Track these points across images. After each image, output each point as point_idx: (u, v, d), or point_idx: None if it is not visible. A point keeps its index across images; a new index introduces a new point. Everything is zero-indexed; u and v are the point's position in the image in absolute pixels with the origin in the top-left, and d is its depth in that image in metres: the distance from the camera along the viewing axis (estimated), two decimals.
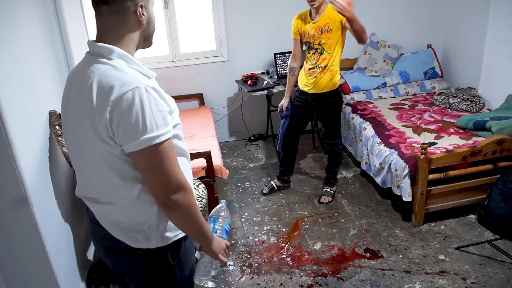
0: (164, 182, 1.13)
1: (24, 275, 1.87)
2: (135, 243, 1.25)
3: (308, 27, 2.81)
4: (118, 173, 1.16)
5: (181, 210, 1.17)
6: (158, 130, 1.08)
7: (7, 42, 1.74)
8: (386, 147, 2.98)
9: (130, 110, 1.05)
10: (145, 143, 1.07)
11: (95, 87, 1.09)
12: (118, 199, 1.21)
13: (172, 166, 1.13)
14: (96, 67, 1.12)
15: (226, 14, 3.90)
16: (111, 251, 1.31)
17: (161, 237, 1.26)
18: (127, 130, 1.07)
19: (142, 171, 1.13)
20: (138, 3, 1.15)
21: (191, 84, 4.08)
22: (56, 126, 2.08)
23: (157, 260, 1.30)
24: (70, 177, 2.30)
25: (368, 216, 2.97)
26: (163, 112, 1.11)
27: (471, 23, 3.80)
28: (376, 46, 4.04)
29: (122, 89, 1.06)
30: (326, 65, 2.82)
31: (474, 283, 2.30)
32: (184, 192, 1.16)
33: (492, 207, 2.65)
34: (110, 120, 1.07)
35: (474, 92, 3.64)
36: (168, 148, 1.12)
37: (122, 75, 1.09)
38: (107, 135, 1.10)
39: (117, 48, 1.15)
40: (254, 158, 3.96)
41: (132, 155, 1.11)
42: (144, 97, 1.06)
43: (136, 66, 1.16)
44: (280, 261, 2.57)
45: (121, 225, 1.24)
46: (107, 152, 1.13)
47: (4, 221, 1.75)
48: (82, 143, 1.17)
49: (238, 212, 3.11)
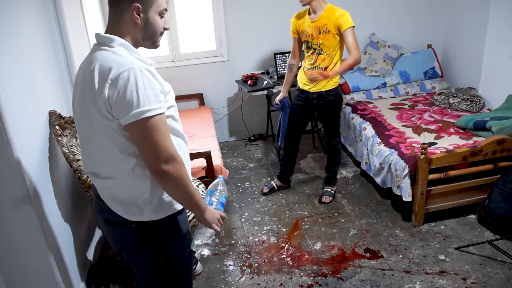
0: (155, 152, 1.24)
1: (24, 275, 1.88)
2: (129, 215, 1.38)
3: (307, 26, 2.81)
4: (118, 147, 1.29)
5: (171, 179, 1.28)
6: (150, 105, 1.21)
7: (7, 42, 1.74)
8: (386, 147, 2.98)
9: (125, 87, 1.19)
10: (137, 116, 1.20)
11: (96, 69, 1.23)
12: (116, 173, 1.34)
13: (163, 138, 1.24)
14: (99, 54, 1.27)
15: (226, 14, 3.90)
16: (109, 223, 1.44)
17: (154, 210, 1.38)
18: (123, 104, 1.19)
19: (136, 142, 1.26)
20: (133, 5, 1.28)
21: (191, 84, 4.08)
22: (56, 126, 2.07)
23: (149, 233, 1.41)
24: (70, 177, 2.30)
25: (368, 216, 2.97)
26: (155, 90, 1.24)
27: (471, 23, 3.80)
28: (376, 46, 4.04)
29: (119, 69, 1.20)
30: (327, 67, 2.82)
31: (474, 283, 2.30)
32: (175, 163, 1.27)
33: (492, 207, 2.65)
34: (108, 96, 1.20)
35: (474, 92, 3.64)
36: (160, 122, 1.23)
37: (120, 58, 1.24)
38: (106, 110, 1.23)
39: (118, 38, 1.29)
40: (254, 158, 3.96)
41: (128, 128, 1.23)
42: (138, 76, 1.20)
43: (135, 54, 1.30)
44: (280, 261, 2.57)
45: (118, 199, 1.37)
46: (107, 126, 1.26)
47: (4, 221, 1.75)
48: (86, 121, 1.31)
49: (238, 212, 3.11)
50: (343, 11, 2.70)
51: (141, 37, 1.35)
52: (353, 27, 2.70)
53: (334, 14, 2.69)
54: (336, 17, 2.68)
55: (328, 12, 2.72)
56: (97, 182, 1.41)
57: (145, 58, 1.33)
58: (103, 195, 1.40)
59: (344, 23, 2.67)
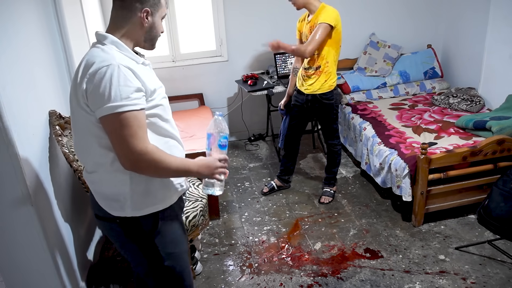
0: (124, 148, 1.27)
1: (24, 275, 1.88)
2: (112, 210, 1.41)
3: (304, 27, 2.84)
4: (96, 140, 1.33)
5: (147, 170, 1.32)
6: (121, 101, 1.24)
7: (7, 42, 1.74)
8: (386, 147, 2.98)
9: (101, 81, 1.23)
10: (108, 110, 1.24)
11: (82, 65, 1.30)
12: (97, 167, 1.38)
13: (133, 134, 1.26)
14: (90, 51, 1.33)
15: (226, 14, 3.90)
16: (97, 218, 1.49)
17: (135, 206, 1.40)
18: (96, 98, 1.25)
19: (108, 136, 1.29)
20: (144, 8, 1.35)
21: (191, 84, 4.07)
22: (56, 126, 2.07)
23: (133, 229, 1.44)
24: (70, 177, 2.30)
25: (368, 216, 2.97)
26: (130, 87, 1.26)
27: (471, 23, 3.80)
28: (376, 46, 4.04)
29: (99, 65, 1.25)
30: (319, 66, 2.81)
31: (474, 283, 2.30)
32: (145, 155, 1.28)
33: (492, 207, 2.65)
34: (86, 89, 1.26)
35: (474, 92, 3.64)
36: (131, 119, 1.26)
37: (104, 55, 1.28)
38: (84, 102, 1.28)
39: (110, 36, 1.34)
40: (254, 158, 3.96)
41: (101, 121, 1.27)
42: (114, 72, 1.24)
43: (126, 52, 1.34)
44: (280, 261, 2.57)
45: (102, 193, 1.42)
46: (86, 119, 1.31)
47: (4, 221, 1.75)
48: (73, 115, 1.37)
49: (238, 212, 3.11)
50: (328, 8, 2.68)
51: (144, 38, 1.41)
52: (329, 25, 2.62)
53: (320, 12, 2.70)
54: (321, 14, 2.68)
55: (319, 11, 2.72)
56: (86, 176, 1.46)
57: (137, 56, 1.38)
58: (92, 189, 1.46)
59: (321, 17, 2.65)
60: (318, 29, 2.63)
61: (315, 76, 2.84)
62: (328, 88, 2.86)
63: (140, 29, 1.38)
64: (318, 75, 2.83)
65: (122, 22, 1.36)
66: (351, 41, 3.96)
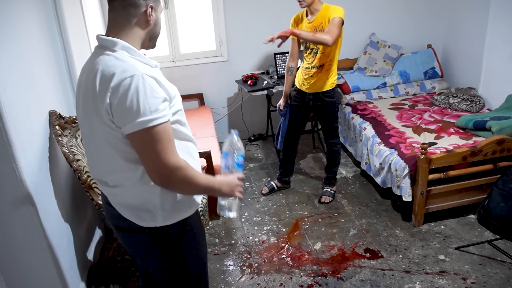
0: (156, 163, 1.21)
1: (24, 275, 1.88)
2: (141, 221, 1.34)
3: (304, 27, 2.82)
4: (122, 155, 1.26)
5: (178, 186, 1.27)
6: (151, 115, 1.16)
7: (7, 42, 1.74)
8: (386, 147, 2.98)
9: (126, 95, 1.15)
10: (138, 126, 1.16)
11: (98, 76, 1.19)
12: (123, 181, 1.30)
13: (164, 148, 1.20)
14: (101, 59, 1.22)
15: (226, 14, 3.90)
16: (121, 230, 1.41)
17: (167, 216, 1.35)
18: (123, 113, 1.16)
19: (137, 152, 1.22)
20: (148, 4, 1.27)
21: (191, 84, 4.08)
22: (56, 126, 2.08)
23: (163, 237, 1.38)
24: (70, 177, 2.30)
25: (368, 216, 2.97)
26: (158, 98, 1.18)
27: (471, 23, 3.80)
28: (376, 46, 4.04)
29: (121, 76, 1.16)
30: (322, 65, 2.81)
31: (474, 283, 2.30)
32: (177, 171, 1.23)
33: (492, 207, 2.65)
34: (110, 104, 1.17)
35: (474, 92, 3.64)
36: (162, 132, 1.19)
37: (122, 64, 1.19)
38: (109, 119, 1.20)
39: (120, 41, 1.25)
40: (254, 158, 3.96)
41: (129, 137, 1.20)
42: (139, 84, 1.15)
43: (138, 57, 1.26)
44: (280, 261, 2.57)
45: (128, 205, 1.34)
46: (110, 135, 1.23)
47: (4, 221, 1.75)
48: (89, 128, 1.29)
49: (238, 212, 3.11)
50: (338, 7, 2.68)
51: (148, 37, 1.33)
52: (342, 20, 2.61)
53: (328, 12, 2.69)
54: (329, 12, 2.68)
55: (323, 11, 2.72)
56: (106, 189, 1.38)
57: (150, 60, 1.30)
58: (113, 202, 1.37)
59: (333, 13, 2.64)
60: (333, 22, 2.58)
61: (317, 75, 2.84)
62: (330, 86, 2.87)
63: (145, 27, 1.30)
64: (321, 73, 2.83)
65: (125, 22, 1.27)
66: (351, 41, 3.96)
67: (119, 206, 1.36)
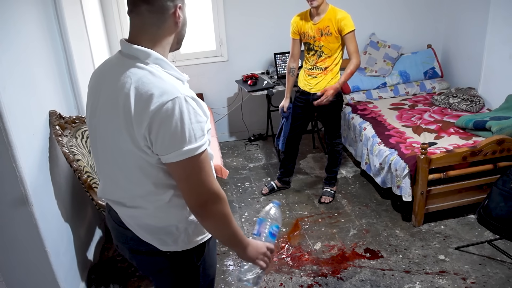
0: (198, 192, 1.12)
1: (24, 275, 1.88)
2: (162, 245, 1.25)
3: (308, 28, 2.80)
4: (152, 180, 1.16)
5: (212, 219, 1.17)
6: (196, 142, 1.07)
7: (8, 42, 1.74)
8: (386, 147, 2.98)
9: (169, 121, 1.03)
10: (183, 155, 1.06)
11: (132, 94, 1.07)
12: (147, 204, 1.20)
13: (207, 177, 1.12)
14: (132, 72, 1.10)
15: (226, 14, 3.90)
16: (137, 253, 1.30)
17: (189, 240, 1.26)
18: (166, 141, 1.05)
19: (177, 180, 1.13)
20: (177, 4, 1.14)
21: (191, 84, 4.00)
22: (56, 126, 2.08)
23: (183, 261, 1.30)
24: (70, 177, 2.30)
25: (368, 216, 2.97)
26: (201, 123, 1.09)
27: (471, 23, 3.80)
28: (376, 46, 4.04)
29: (161, 99, 1.04)
30: (327, 67, 2.82)
31: (474, 283, 2.30)
32: (217, 203, 1.15)
33: (492, 207, 2.65)
34: (149, 130, 1.05)
35: (474, 92, 3.65)
36: (204, 159, 1.11)
37: (160, 83, 1.07)
38: (145, 145, 1.08)
39: (154, 52, 1.12)
40: (254, 158, 3.96)
41: (169, 165, 1.10)
42: (183, 108, 1.04)
43: (171, 71, 1.14)
44: (280, 261, 2.57)
45: (148, 227, 1.23)
46: (142, 160, 1.12)
47: (4, 221, 1.75)
48: (115, 148, 1.15)
49: (238, 212, 3.11)
50: (345, 14, 2.70)
51: (176, 40, 1.21)
52: (354, 30, 2.72)
53: (335, 16, 2.69)
54: (337, 19, 2.69)
55: (330, 14, 2.72)
56: (120, 210, 1.26)
57: (181, 74, 1.18)
58: (129, 224, 1.26)
59: (345, 27, 2.68)
60: (351, 39, 2.73)
61: (321, 75, 2.84)
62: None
63: (174, 30, 1.17)
64: (325, 74, 2.83)
65: (153, 29, 1.13)
66: None
67: (137, 228, 1.24)
